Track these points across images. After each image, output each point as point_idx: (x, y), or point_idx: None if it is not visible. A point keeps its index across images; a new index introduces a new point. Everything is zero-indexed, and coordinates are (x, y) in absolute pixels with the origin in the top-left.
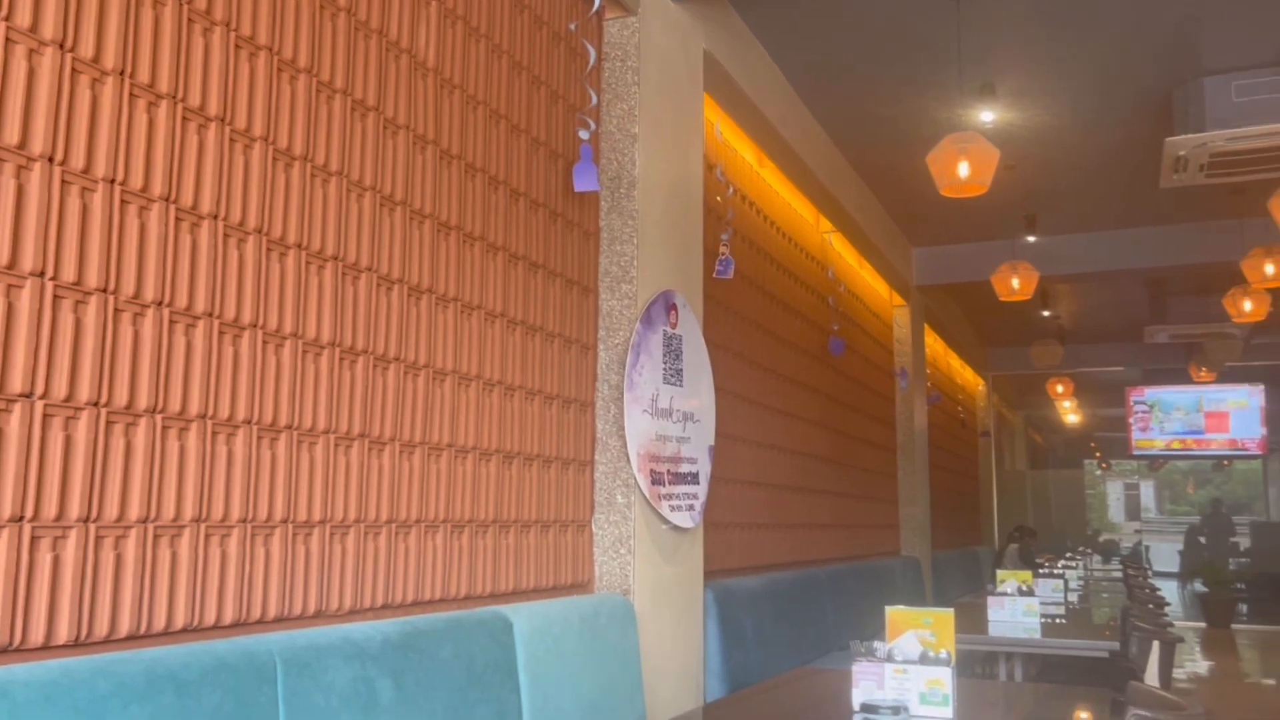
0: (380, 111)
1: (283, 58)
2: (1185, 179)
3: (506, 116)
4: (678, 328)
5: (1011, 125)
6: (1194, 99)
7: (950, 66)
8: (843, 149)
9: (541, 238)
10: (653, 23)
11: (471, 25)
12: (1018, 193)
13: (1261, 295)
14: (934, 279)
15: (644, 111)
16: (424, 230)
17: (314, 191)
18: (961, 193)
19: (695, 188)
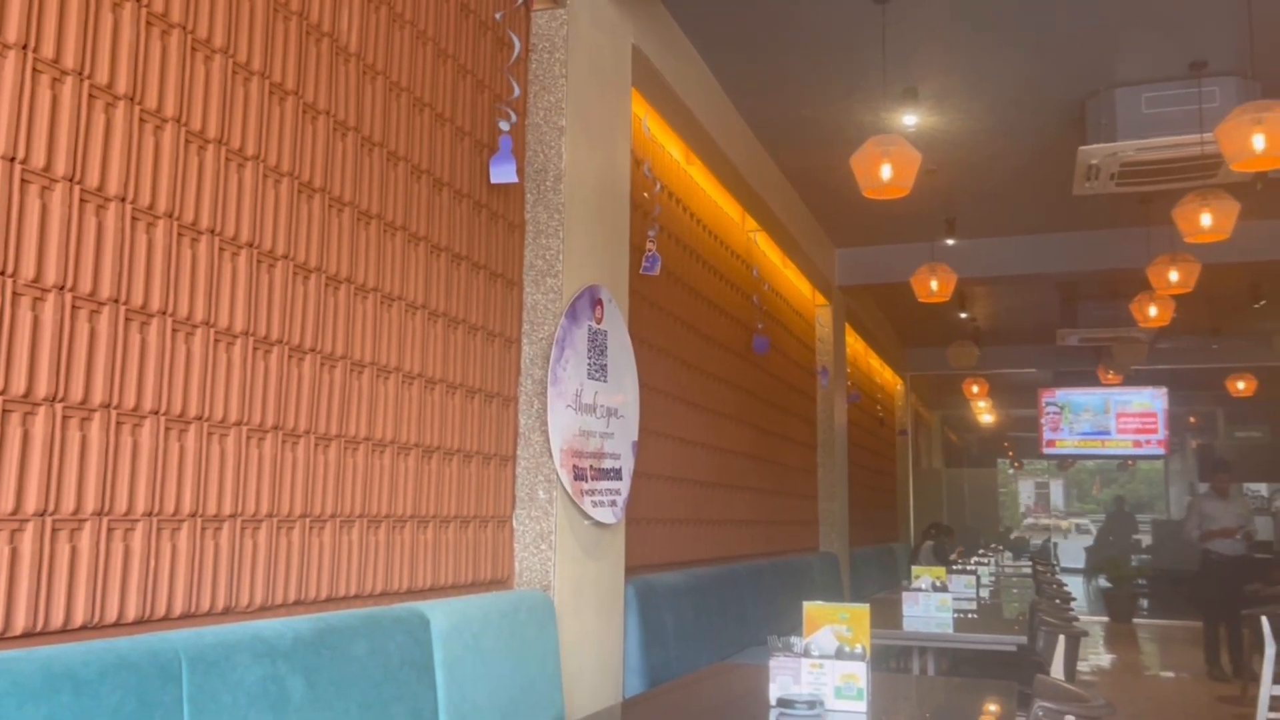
0: (300, 96)
1: (197, 37)
2: (1097, 187)
3: (430, 105)
4: (603, 323)
5: (934, 129)
6: (1106, 109)
7: (874, 70)
8: (769, 149)
9: (465, 229)
10: (581, 15)
11: (396, 11)
12: (938, 196)
13: (1166, 301)
14: (856, 279)
15: (571, 104)
16: (343, 218)
17: (228, 176)
18: (884, 194)
19: (622, 183)
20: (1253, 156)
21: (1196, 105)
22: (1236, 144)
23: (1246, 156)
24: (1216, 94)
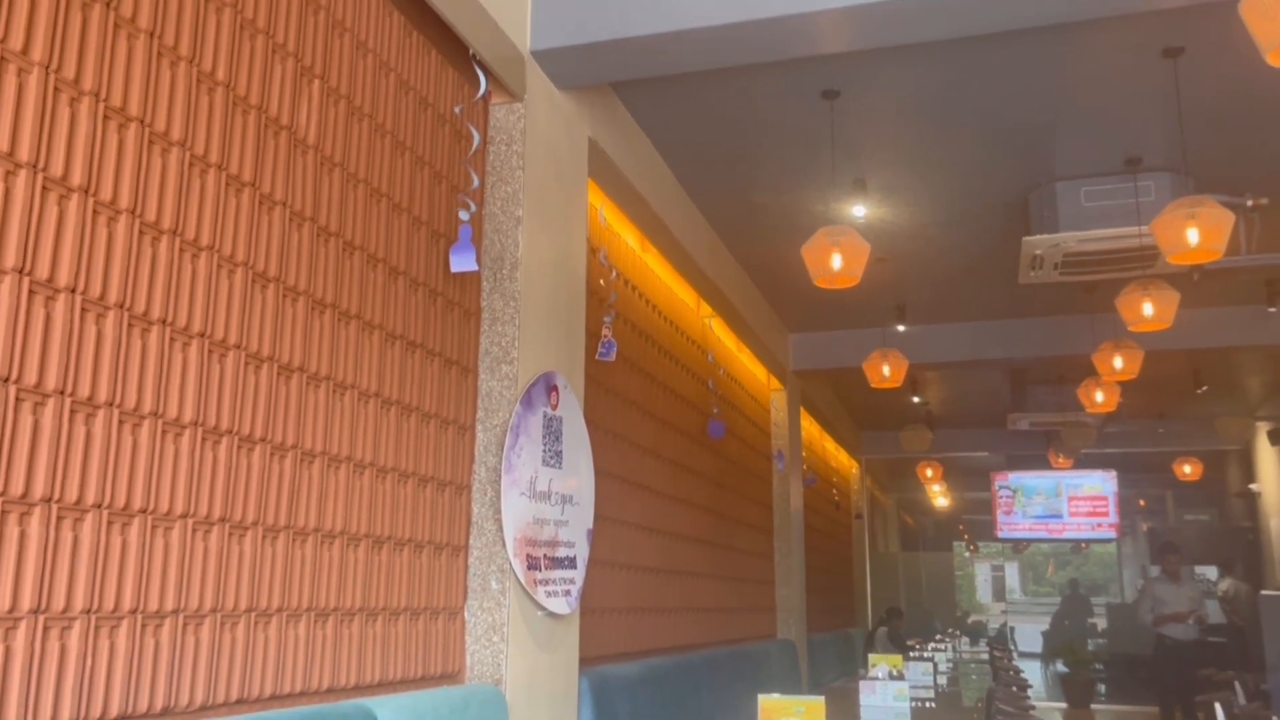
0: (257, 187)
1: (154, 130)
2: (1041, 276)
3: (388, 195)
4: (558, 409)
5: (883, 220)
6: (1048, 202)
7: (824, 162)
8: (723, 236)
9: (420, 317)
10: (538, 109)
11: (355, 104)
12: (889, 283)
13: (1112, 387)
14: (810, 364)
15: (528, 195)
16: (297, 307)
17: (182, 266)
18: (834, 284)
19: (578, 270)
20: (1187, 250)
21: (1133, 199)
22: (1172, 238)
23: (1182, 250)
24: (1152, 188)
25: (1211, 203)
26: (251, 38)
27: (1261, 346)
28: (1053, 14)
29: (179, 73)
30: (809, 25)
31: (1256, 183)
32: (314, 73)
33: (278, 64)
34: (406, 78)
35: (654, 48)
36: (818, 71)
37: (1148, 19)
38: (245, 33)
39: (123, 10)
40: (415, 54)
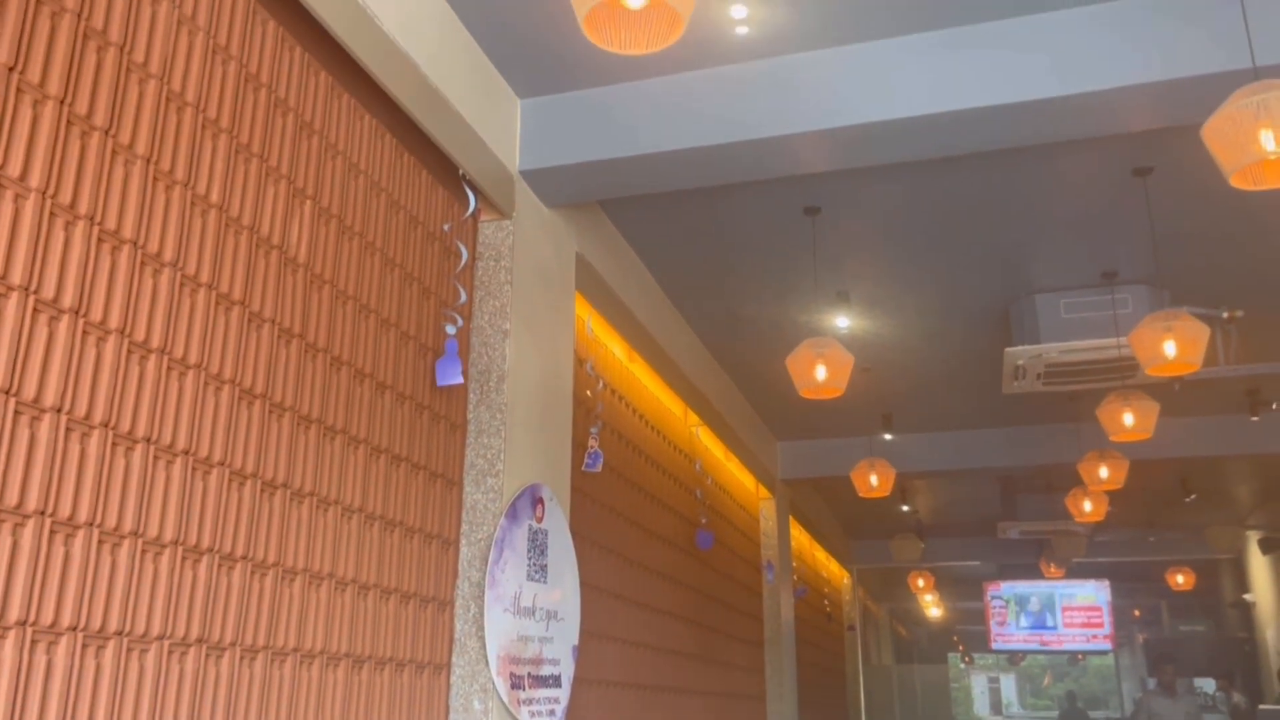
0: (246, 305)
1: (147, 251)
2: (1025, 386)
3: (376, 311)
4: (544, 522)
5: (866, 331)
6: (1028, 313)
7: (807, 275)
8: (709, 345)
9: (406, 431)
10: (526, 225)
11: (345, 223)
12: (874, 392)
13: (1100, 496)
14: (798, 473)
15: (516, 308)
16: (283, 423)
17: (169, 385)
18: (819, 395)
19: (565, 382)
20: (1165, 362)
21: (1111, 311)
22: (1149, 350)
23: (1159, 362)
24: (1129, 300)
25: (1187, 316)
26: (246, 161)
27: (1247, 455)
28: (1023, 137)
29: (174, 196)
30: (790, 146)
31: (1231, 295)
32: (306, 194)
33: (271, 186)
34: (397, 197)
35: (639, 168)
36: (799, 188)
37: (1118, 140)
38: (240, 157)
39: (121, 137)
40: (406, 174)
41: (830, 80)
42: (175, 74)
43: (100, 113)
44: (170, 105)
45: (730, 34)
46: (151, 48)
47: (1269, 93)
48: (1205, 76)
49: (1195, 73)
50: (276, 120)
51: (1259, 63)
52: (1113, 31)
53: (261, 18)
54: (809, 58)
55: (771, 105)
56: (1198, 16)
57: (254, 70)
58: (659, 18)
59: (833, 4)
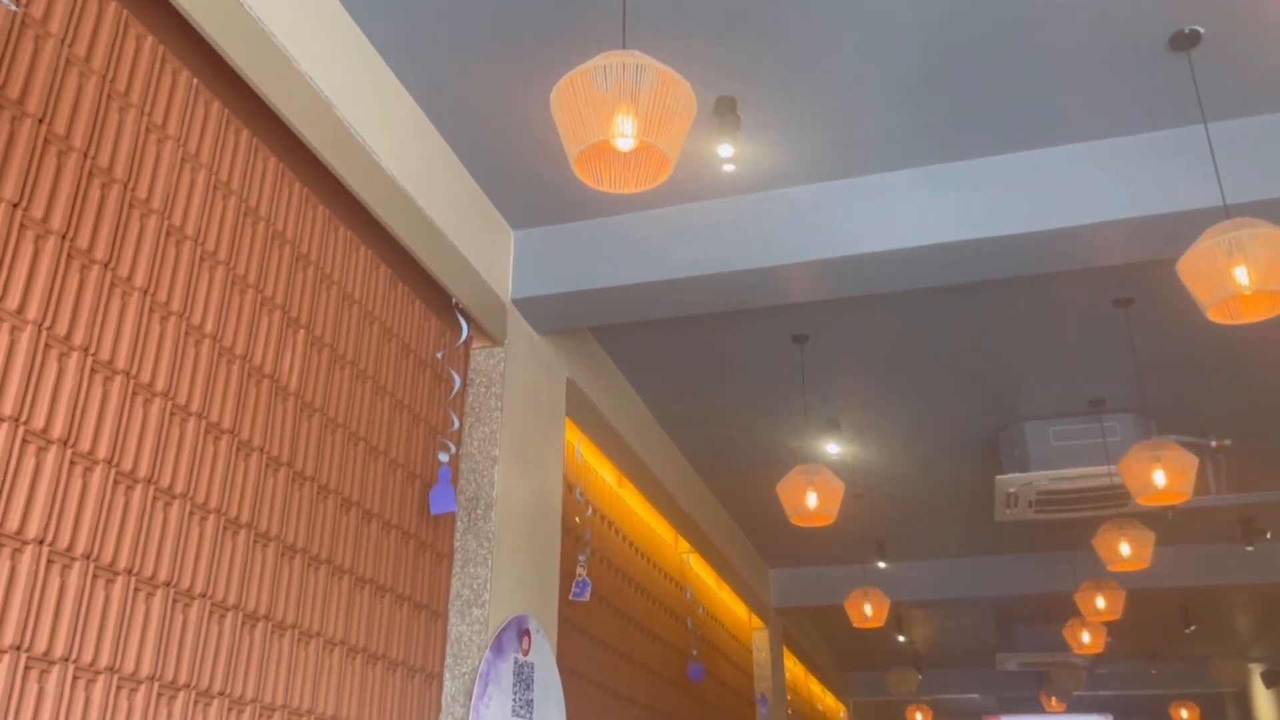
0: (235, 434)
1: (139, 381)
2: (1017, 514)
3: (366, 439)
4: (530, 654)
5: (856, 457)
6: (1017, 441)
7: (796, 401)
8: (700, 471)
9: (392, 560)
10: (518, 352)
11: (338, 352)
12: (867, 519)
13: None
14: (792, 601)
15: (505, 435)
16: (268, 553)
17: (153, 515)
18: (810, 522)
19: (554, 509)
20: (1156, 491)
21: (1100, 439)
22: (1139, 480)
23: (1150, 492)
24: (1117, 429)
25: (1174, 446)
26: (242, 292)
27: (1245, 585)
28: (1005, 270)
29: (169, 327)
30: (776, 277)
31: (1219, 423)
32: (300, 323)
33: (265, 316)
34: (390, 325)
35: (629, 297)
36: (787, 316)
37: (1098, 272)
38: (236, 288)
39: (120, 270)
40: (400, 303)
41: (815, 214)
42: (176, 209)
43: (101, 247)
44: (170, 239)
45: (717, 171)
46: (155, 184)
47: (1240, 230)
48: (1178, 213)
49: (1168, 210)
50: (274, 252)
51: (1229, 201)
52: (1088, 169)
53: (263, 154)
54: (794, 192)
55: (758, 237)
56: (1169, 157)
57: (254, 204)
58: (648, 159)
59: (815, 145)
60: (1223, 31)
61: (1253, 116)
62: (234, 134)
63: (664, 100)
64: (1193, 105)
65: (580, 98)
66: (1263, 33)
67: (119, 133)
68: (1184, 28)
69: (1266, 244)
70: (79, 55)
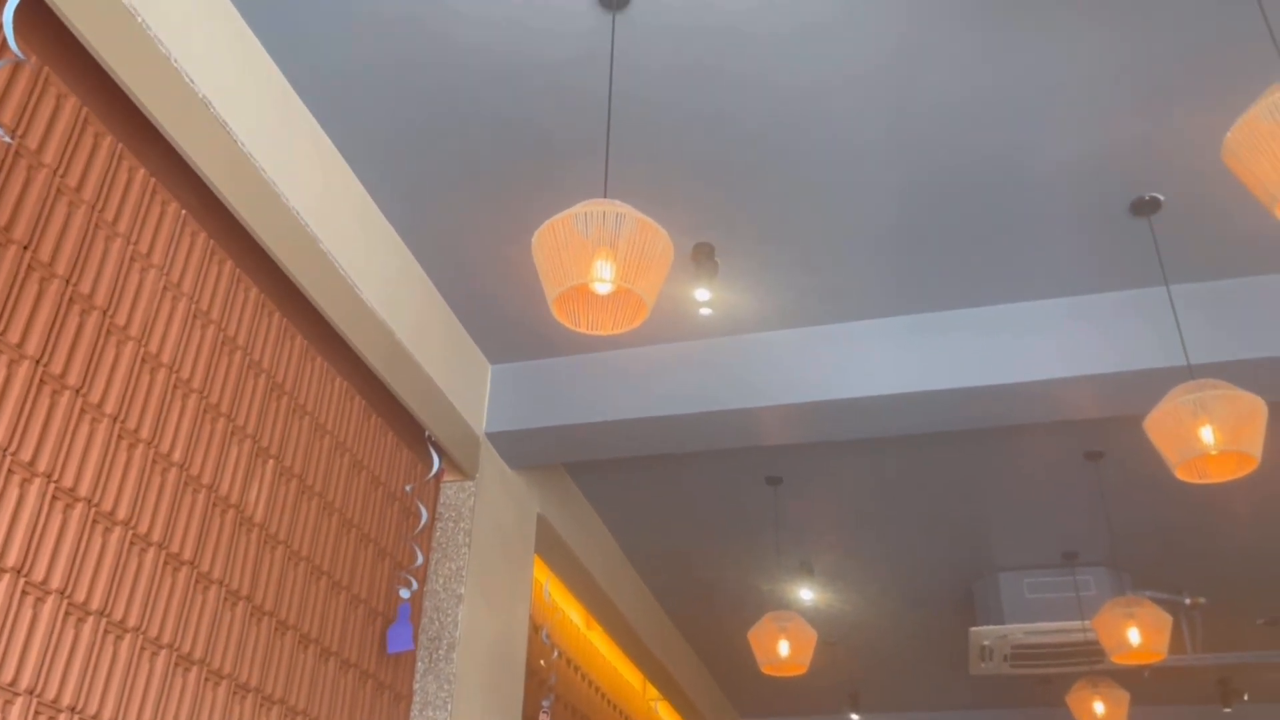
0: (195, 565)
1: (100, 509)
2: (992, 668)
3: (329, 573)
4: None
5: (830, 605)
6: (991, 592)
7: (769, 544)
8: (671, 614)
9: (349, 701)
10: (490, 487)
11: (307, 483)
12: (841, 668)
13: None
14: None
15: (472, 572)
16: (219, 691)
17: (104, 648)
18: (781, 671)
19: (518, 650)
20: (1130, 650)
21: (1074, 592)
22: (1114, 637)
23: (1125, 650)
24: (1091, 582)
25: (1149, 603)
26: (213, 420)
27: None
28: (975, 420)
29: (135, 454)
30: (751, 419)
31: (1194, 581)
32: (270, 453)
33: (235, 445)
34: (361, 457)
35: (603, 434)
36: (762, 458)
37: (1069, 425)
38: (208, 416)
39: (91, 396)
40: (373, 435)
41: (790, 358)
42: (154, 336)
43: (75, 372)
44: (145, 365)
45: (694, 314)
46: (135, 311)
47: (1204, 391)
48: (1144, 371)
49: (1135, 367)
50: (249, 381)
51: (1192, 361)
52: (1058, 325)
53: (245, 285)
54: (770, 336)
55: (734, 379)
56: (1135, 316)
57: (232, 333)
58: (625, 303)
59: (791, 292)
60: (1182, 199)
61: (1212, 281)
62: (218, 264)
63: (642, 247)
64: (1155, 267)
65: (561, 242)
66: (1219, 202)
67: (103, 260)
68: (1145, 195)
69: (1230, 405)
70: (70, 185)
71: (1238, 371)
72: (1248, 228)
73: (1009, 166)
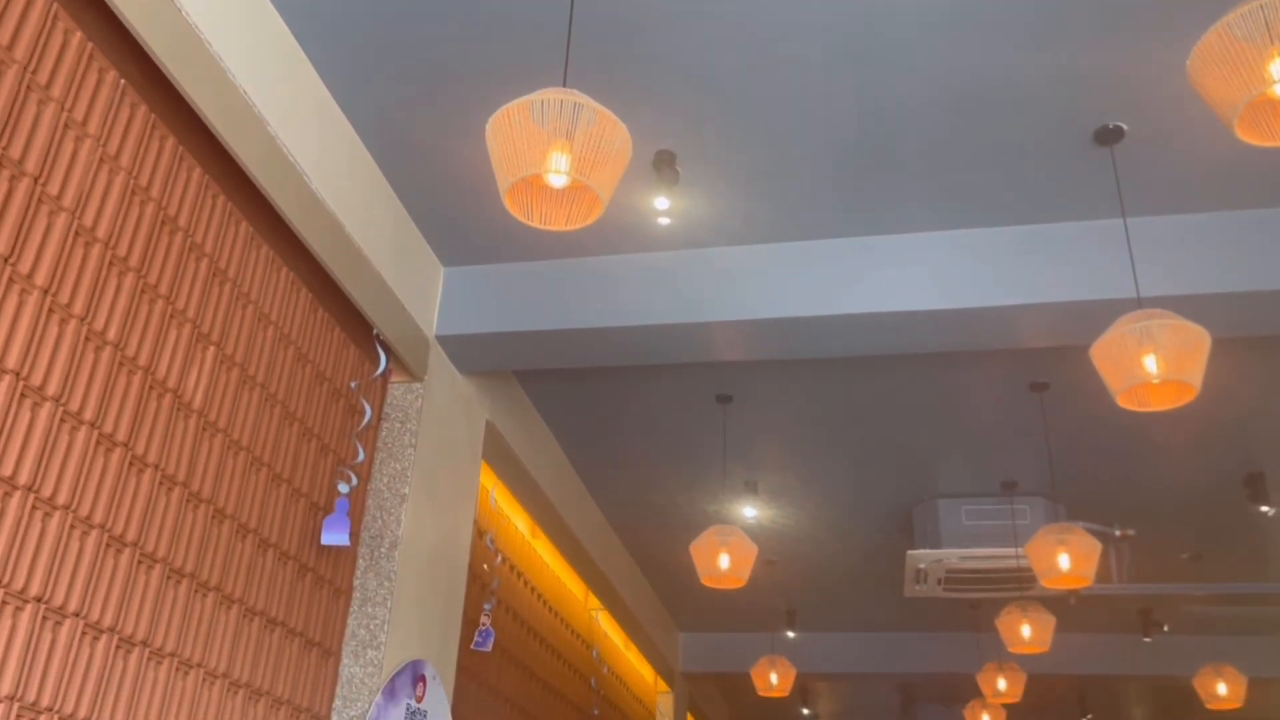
0: (130, 448)
1: (29, 384)
2: (925, 590)
3: (269, 465)
4: (424, 702)
5: (773, 522)
6: (930, 517)
7: (716, 463)
8: (616, 528)
9: (286, 593)
10: (438, 390)
11: (248, 373)
12: (779, 587)
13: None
14: (699, 667)
15: (417, 473)
16: (152, 575)
17: (30, 525)
18: (721, 584)
19: (461, 553)
20: (1060, 575)
21: (1010, 521)
22: (1045, 562)
23: (1055, 574)
24: (1027, 512)
25: (1080, 531)
26: (151, 302)
27: (1140, 677)
28: (924, 344)
29: (68, 329)
30: (703, 334)
31: (1124, 513)
32: (211, 339)
33: (174, 329)
34: (306, 351)
35: (556, 342)
36: (713, 376)
37: (1015, 356)
38: (145, 297)
39: (20, 266)
40: (319, 330)
41: (744, 275)
42: (89, 210)
43: (3, 240)
44: (78, 239)
45: (652, 223)
46: (68, 182)
47: (1151, 320)
48: (1095, 301)
49: (1085, 298)
50: (190, 264)
51: (1142, 293)
52: (1012, 252)
53: (188, 164)
54: (725, 251)
55: (687, 293)
56: (1089, 246)
57: (172, 213)
58: (580, 198)
59: (749, 207)
60: (1146, 129)
61: (1170, 215)
62: (159, 139)
63: (600, 140)
64: (1114, 199)
65: (516, 130)
66: (1183, 134)
67: (35, 126)
68: (1109, 123)
69: (1176, 335)
70: (1, 44)
71: (1187, 306)
72: (1208, 163)
73: (973, 89)
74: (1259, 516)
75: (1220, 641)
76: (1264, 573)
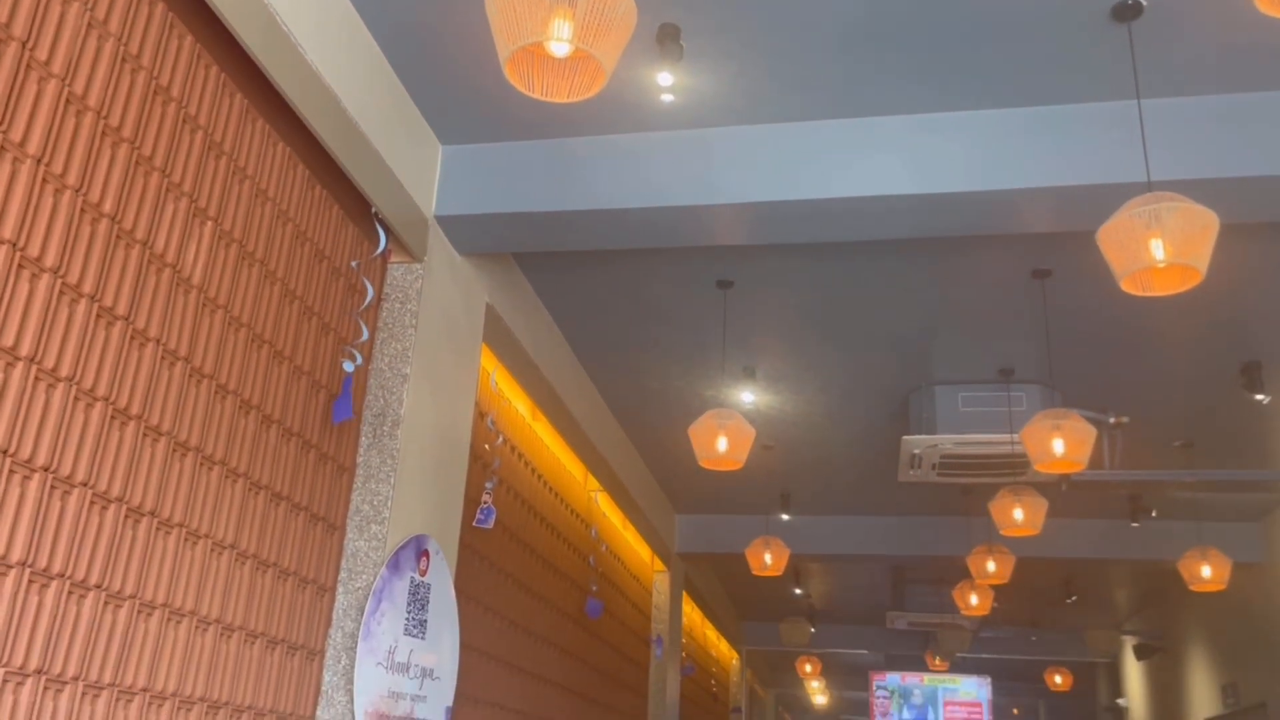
0: (130, 322)
1: (27, 255)
2: (920, 475)
3: (270, 342)
4: (427, 575)
5: (770, 407)
6: (927, 404)
7: (716, 347)
8: (615, 410)
9: (290, 469)
10: (438, 270)
11: (247, 249)
12: (775, 471)
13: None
14: (695, 547)
15: (418, 354)
16: (158, 448)
17: (35, 397)
18: (719, 466)
19: (463, 433)
20: (1054, 459)
21: (1006, 408)
22: (1039, 447)
23: (1048, 459)
24: (1024, 399)
25: (1076, 417)
26: (146, 175)
27: (1126, 561)
28: (930, 228)
29: (63, 201)
30: (705, 216)
31: (1120, 401)
32: (208, 215)
33: (171, 203)
34: (305, 229)
35: (556, 224)
36: (714, 261)
37: (1019, 241)
38: (140, 169)
39: (12, 134)
40: (317, 207)
41: (750, 156)
42: (79, 77)
43: None
44: (70, 108)
45: (655, 100)
46: (56, 47)
47: (1160, 204)
48: (1103, 185)
49: (1094, 181)
50: (184, 137)
51: (1153, 177)
52: (1021, 134)
53: (179, 32)
54: (729, 131)
55: (691, 174)
56: (1101, 129)
57: (165, 83)
58: (582, 69)
59: (754, 85)
60: (1165, 6)
61: (1186, 97)
62: (148, 5)
63: (603, 8)
64: (1129, 79)
65: None
66: (1205, 10)
67: None
68: None
69: (1184, 219)
70: None
71: (1199, 190)
72: (1228, 42)
73: None
74: (1251, 405)
75: (1206, 528)
76: (1253, 460)
